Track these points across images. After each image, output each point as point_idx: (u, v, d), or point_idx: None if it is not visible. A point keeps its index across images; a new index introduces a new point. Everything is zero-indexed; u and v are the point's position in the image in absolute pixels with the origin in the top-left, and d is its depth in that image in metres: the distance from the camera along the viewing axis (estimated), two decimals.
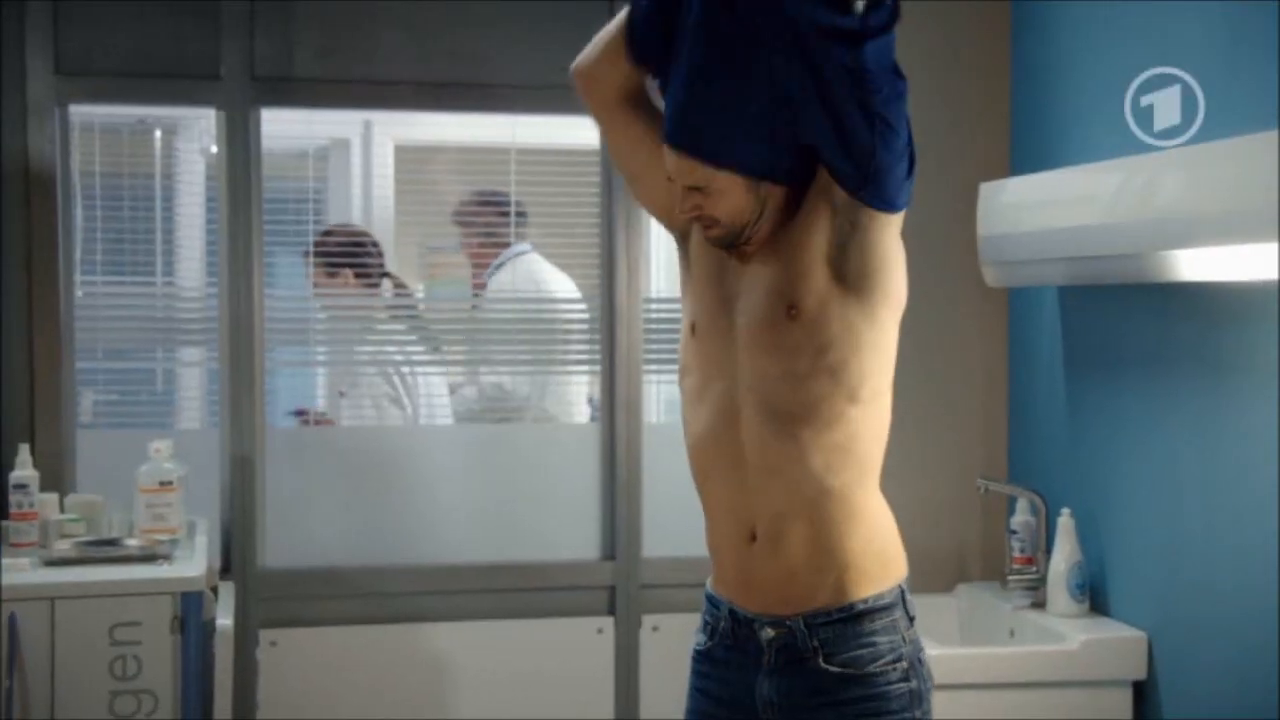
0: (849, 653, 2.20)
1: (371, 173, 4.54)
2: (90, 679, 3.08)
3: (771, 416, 2.20)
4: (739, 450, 2.23)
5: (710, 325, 2.27)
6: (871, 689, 2.20)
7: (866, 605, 2.21)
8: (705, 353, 2.28)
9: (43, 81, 3.65)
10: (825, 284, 2.16)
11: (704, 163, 2.15)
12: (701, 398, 2.29)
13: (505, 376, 4.21)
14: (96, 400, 3.95)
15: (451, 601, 3.89)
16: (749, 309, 2.22)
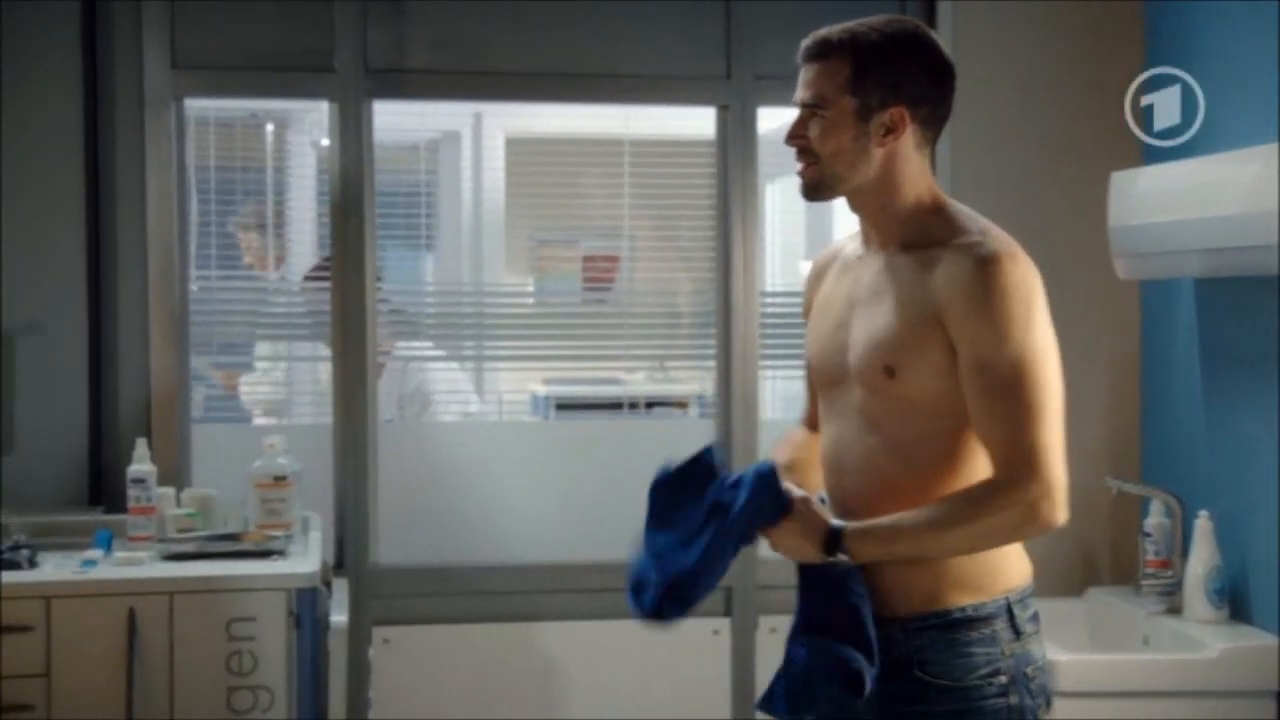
0: (944, 662, 2.21)
1: (482, 165, 4.59)
2: (207, 673, 3.16)
3: (874, 430, 2.26)
4: (843, 450, 2.30)
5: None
6: (965, 702, 2.21)
7: (964, 614, 2.21)
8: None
9: (159, 76, 3.75)
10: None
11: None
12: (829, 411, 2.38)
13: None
14: (208, 394, 4.05)
15: (564, 601, 3.94)
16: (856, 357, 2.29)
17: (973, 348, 2.16)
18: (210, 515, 3.53)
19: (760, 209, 3.99)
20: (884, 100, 2.24)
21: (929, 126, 2.29)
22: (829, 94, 2.25)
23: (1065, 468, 2.16)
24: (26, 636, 3.08)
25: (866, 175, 2.26)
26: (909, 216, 2.27)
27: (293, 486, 3.55)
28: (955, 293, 2.16)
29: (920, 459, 2.23)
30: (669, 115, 4.15)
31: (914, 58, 2.27)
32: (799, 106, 2.29)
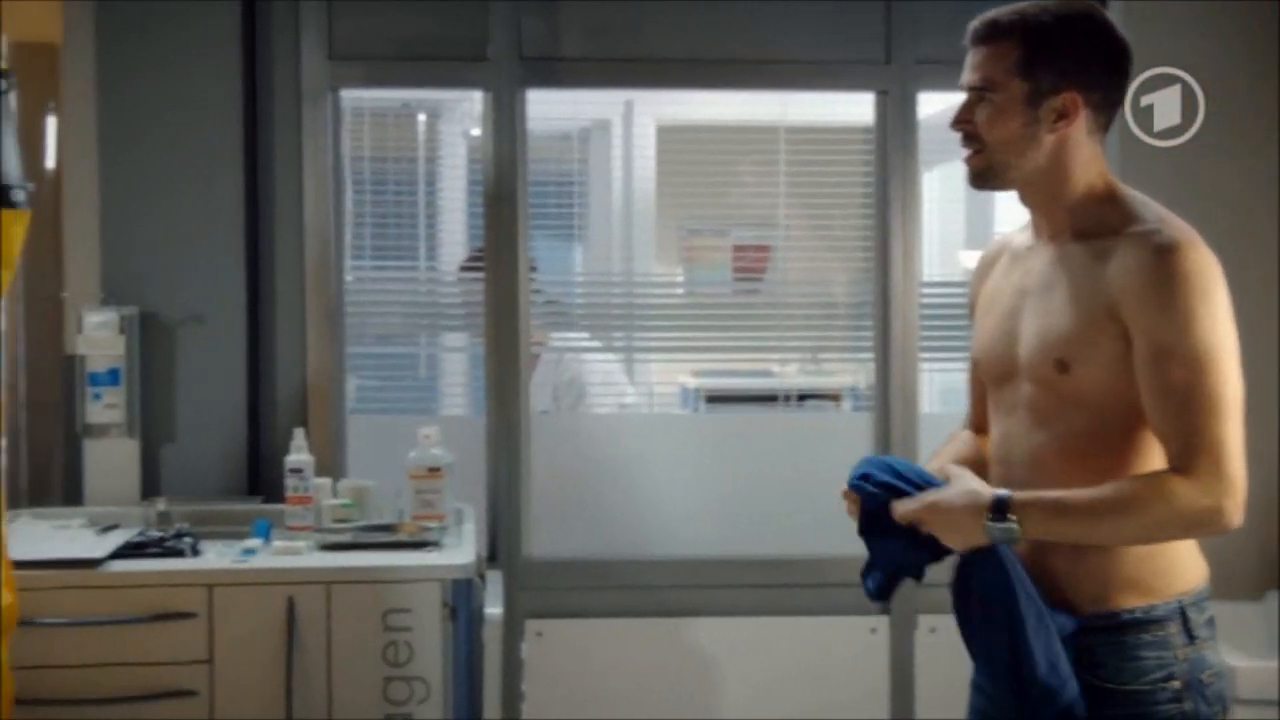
0: (1113, 665, 2.15)
1: (632, 154, 4.60)
2: (364, 663, 3.20)
3: (1043, 426, 2.21)
4: (1011, 447, 2.25)
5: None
6: (1135, 707, 2.14)
7: (1134, 616, 2.15)
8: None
9: (316, 67, 3.82)
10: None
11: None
12: (997, 407, 2.33)
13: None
14: (360, 386, 4.11)
15: (718, 596, 3.94)
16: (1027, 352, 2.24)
17: (1150, 340, 2.10)
18: (365, 506, 3.58)
19: (920, 197, 3.94)
20: (1055, 84, 2.18)
21: (1102, 112, 2.22)
22: (997, 77, 2.19)
23: (1244, 465, 2.10)
24: (190, 623, 3.15)
25: (1036, 163, 2.20)
26: (1081, 205, 2.21)
27: (446, 478, 3.58)
28: (1131, 283, 2.10)
29: (1092, 456, 2.17)
30: (825, 101, 4.12)
31: (1088, 40, 2.21)
32: (966, 90, 2.24)
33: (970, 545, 2.16)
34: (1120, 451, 2.16)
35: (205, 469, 3.78)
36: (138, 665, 3.14)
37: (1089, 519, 2.11)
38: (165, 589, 3.16)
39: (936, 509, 2.17)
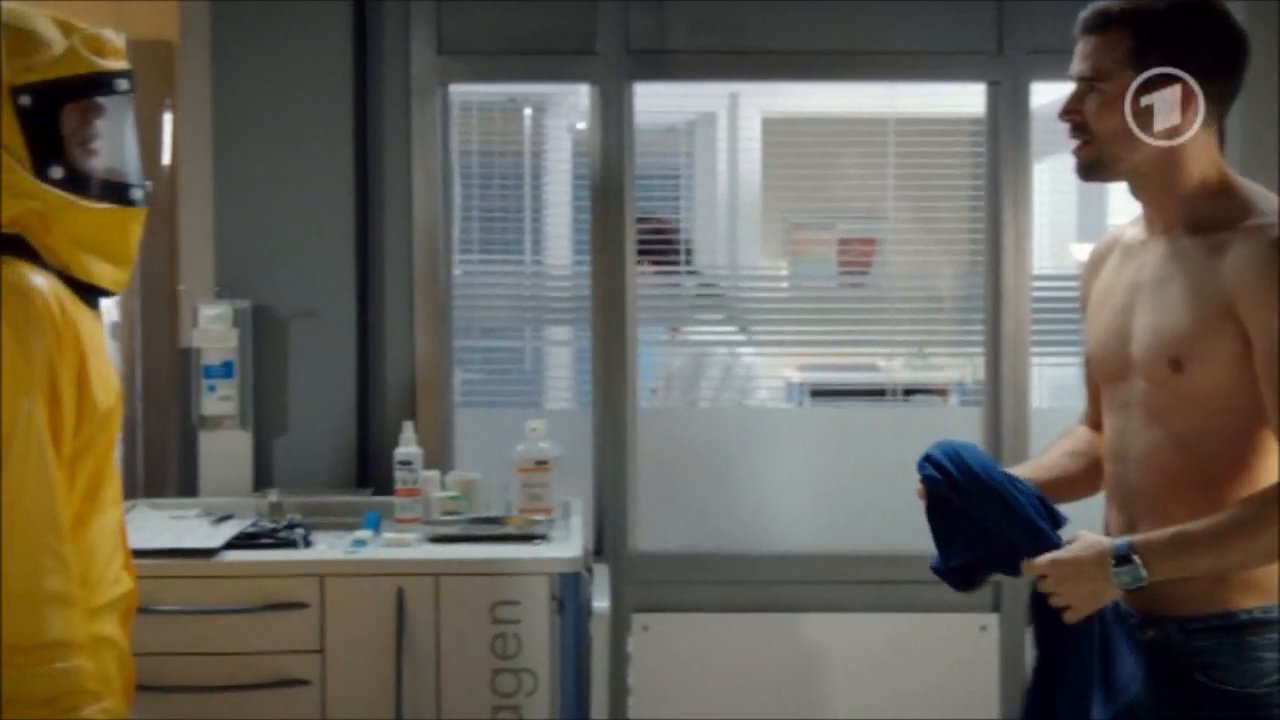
0: (1228, 667, 2.12)
1: (738, 147, 4.59)
2: (473, 654, 3.24)
3: (1158, 424, 2.18)
4: (1126, 445, 2.23)
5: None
6: (1252, 710, 2.12)
7: (1251, 616, 2.12)
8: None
9: (426, 62, 3.86)
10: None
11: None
12: (1110, 404, 2.30)
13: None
14: (465, 379, 4.15)
15: (826, 591, 3.93)
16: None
17: (1269, 336, 2.06)
18: (473, 498, 3.62)
19: (1032, 189, 3.90)
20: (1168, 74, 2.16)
21: (1217, 102, 2.18)
22: (1108, 67, 2.17)
23: None
24: (302, 613, 3.22)
25: (1147, 154, 2.17)
26: (1194, 198, 2.18)
27: (554, 471, 3.62)
28: (1249, 278, 2.07)
29: (1208, 455, 2.14)
30: (933, 92, 4.09)
31: (1202, 28, 2.17)
32: (1075, 80, 2.22)
33: (1101, 603, 2.13)
34: (1238, 452, 2.13)
35: (316, 461, 3.84)
36: (251, 654, 3.21)
37: (1216, 548, 2.07)
38: (278, 579, 3.23)
39: (1059, 564, 2.14)
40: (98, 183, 2.12)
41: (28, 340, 1.97)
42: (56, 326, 2.00)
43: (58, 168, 2.07)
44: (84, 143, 2.11)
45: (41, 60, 2.06)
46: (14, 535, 1.94)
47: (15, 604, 1.93)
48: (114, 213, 2.14)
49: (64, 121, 2.09)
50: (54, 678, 1.94)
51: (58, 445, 2.00)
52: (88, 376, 2.06)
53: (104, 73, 2.11)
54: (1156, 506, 2.17)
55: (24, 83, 2.04)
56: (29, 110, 2.05)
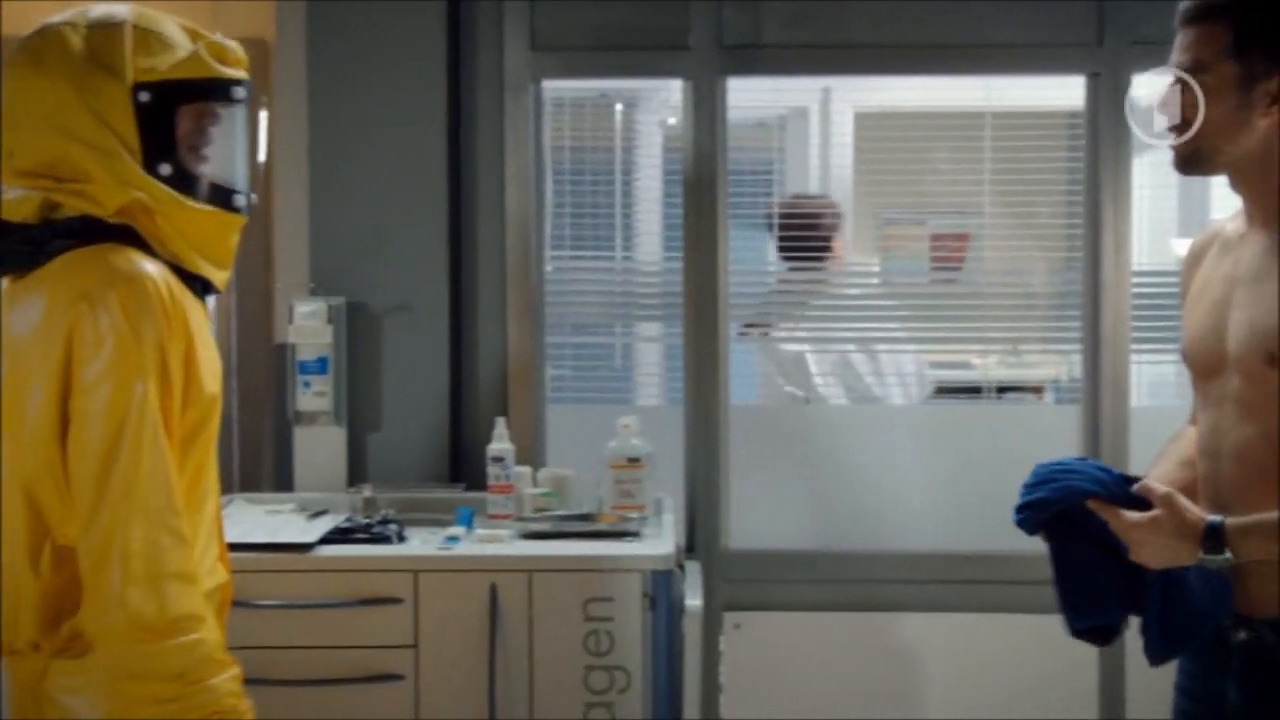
0: None
1: (830, 142, 4.57)
2: (566, 651, 3.25)
3: (1252, 420, 2.15)
4: (1219, 441, 2.20)
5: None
6: None
7: None
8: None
9: (519, 57, 3.88)
10: None
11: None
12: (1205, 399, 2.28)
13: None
14: (555, 375, 4.17)
15: (921, 591, 3.90)
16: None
17: None
18: (566, 495, 3.64)
19: (1133, 183, 3.85)
20: (1270, 67, 2.13)
21: None
22: (1208, 59, 2.15)
23: None
24: (396, 608, 3.24)
25: (1247, 148, 2.15)
26: None
27: (646, 468, 3.62)
28: None
29: None
30: (1029, 85, 4.04)
31: None
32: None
33: (1178, 563, 2.12)
34: None
35: (409, 456, 3.87)
36: (346, 649, 3.24)
37: None
38: (373, 574, 3.26)
39: (1142, 528, 2.12)
40: (204, 185, 2.16)
41: (140, 324, 2.01)
42: (166, 311, 2.04)
43: (167, 165, 2.11)
44: (195, 145, 2.16)
45: (165, 61, 2.10)
46: (133, 515, 1.98)
47: (138, 582, 1.96)
48: (215, 215, 2.17)
49: (179, 122, 2.13)
50: (183, 651, 1.97)
51: (168, 429, 2.03)
52: (195, 362, 2.09)
53: (223, 79, 2.16)
54: (1249, 504, 2.13)
55: (145, 80, 2.09)
56: (147, 107, 2.09)
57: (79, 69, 2.07)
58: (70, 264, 2.06)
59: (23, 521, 2.06)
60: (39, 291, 2.07)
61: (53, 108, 2.07)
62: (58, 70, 2.07)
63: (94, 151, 2.06)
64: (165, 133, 2.11)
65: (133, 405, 1.99)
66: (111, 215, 2.08)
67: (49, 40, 2.10)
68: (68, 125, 2.07)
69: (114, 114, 2.07)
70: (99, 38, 2.09)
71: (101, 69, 2.07)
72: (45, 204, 2.08)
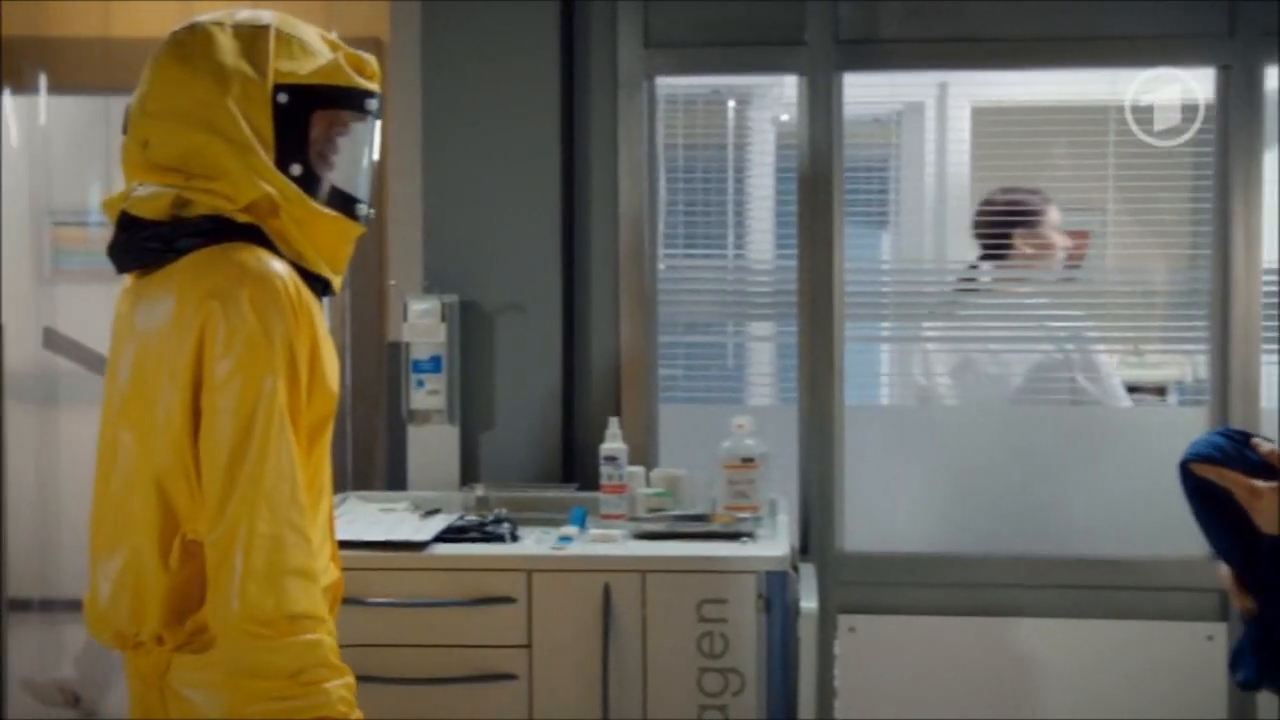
0: None
1: (946, 138, 4.51)
2: (679, 653, 3.24)
3: None
4: None
5: None
6: None
7: None
8: None
9: (633, 55, 3.88)
10: None
11: None
12: None
13: None
14: (666, 375, 4.16)
15: (1042, 596, 3.85)
16: None
17: None
18: (678, 495, 3.63)
19: (1265, 179, 3.77)
20: None
21: None
22: None
23: None
24: (509, 608, 3.25)
25: None
26: None
27: (760, 468, 3.60)
28: None
29: None
30: (1155, 78, 3.96)
31: None
32: None
33: None
34: None
35: (521, 455, 3.88)
36: (459, 647, 3.25)
37: None
38: (486, 574, 3.26)
39: (1264, 509, 2.11)
40: (329, 190, 2.20)
41: (269, 321, 2.04)
42: (294, 309, 2.07)
43: (298, 166, 2.16)
44: (325, 151, 2.20)
45: (305, 66, 2.16)
46: (257, 509, 2.00)
47: (258, 576, 1.98)
48: (337, 221, 2.20)
49: (312, 126, 2.18)
50: (299, 650, 1.98)
51: (295, 426, 2.06)
52: (320, 360, 2.12)
53: (359, 89, 2.21)
54: None
55: (285, 82, 2.14)
56: (284, 108, 2.14)
57: (223, 65, 2.12)
58: (199, 262, 2.10)
59: (154, 515, 2.10)
60: (167, 289, 2.11)
61: (194, 100, 2.12)
62: (202, 65, 2.12)
63: (230, 145, 2.10)
64: (299, 135, 2.16)
65: (261, 401, 2.02)
66: (240, 210, 2.11)
67: (197, 36, 2.15)
68: (207, 118, 2.11)
69: (253, 111, 2.12)
70: (245, 37, 2.15)
71: (245, 67, 2.13)
72: (176, 201, 2.13)
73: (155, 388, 2.09)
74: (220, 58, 2.12)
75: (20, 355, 4.40)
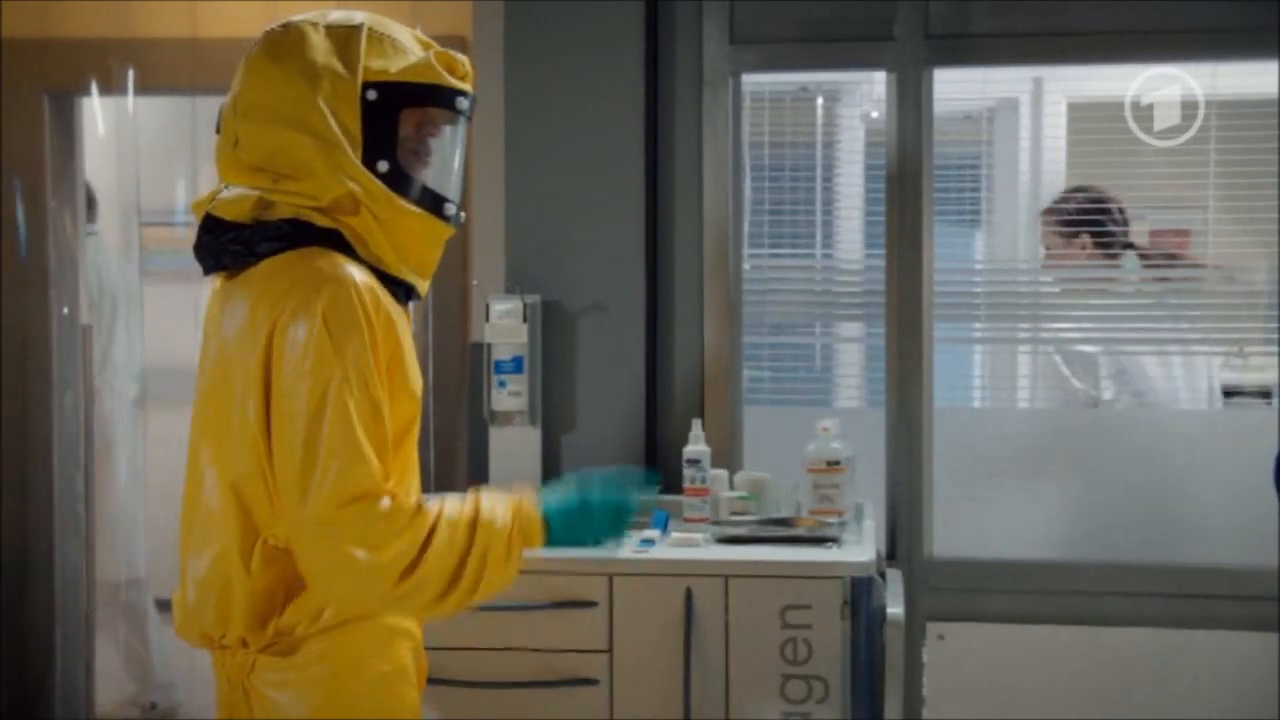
0: None
1: (1041, 134, 4.46)
2: (762, 659, 3.22)
3: None
4: None
5: None
6: None
7: None
8: None
9: (718, 52, 3.87)
10: None
11: None
12: None
13: None
14: (752, 376, 4.15)
15: (1136, 604, 3.79)
16: None
17: None
18: (763, 499, 3.61)
19: None
20: None
21: None
22: None
23: None
24: (590, 612, 3.25)
25: None
26: None
27: (846, 472, 3.58)
28: None
29: None
30: (1259, 71, 3.89)
31: None
32: None
33: None
34: None
35: (603, 457, 3.87)
36: (541, 651, 3.27)
37: None
38: (567, 577, 3.27)
39: None
40: (418, 187, 2.19)
41: (340, 327, 2.04)
42: (369, 316, 2.07)
43: (385, 163, 2.16)
44: (414, 149, 2.20)
45: (396, 64, 2.17)
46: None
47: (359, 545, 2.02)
48: (425, 220, 2.20)
49: (402, 124, 2.18)
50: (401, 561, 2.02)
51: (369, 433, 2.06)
52: (401, 366, 2.13)
53: (449, 88, 2.20)
54: None
55: (374, 80, 2.15)
56: (374, 105, 2.14)
57: (314, 63, 2.14)
58: (276, 267, 2.12)
59: (234, 520, 2.12)
60: (245, 293, 2.13)
61: (283, 98, 2.14)
62: (293, 64, 2.14)
63: (318, 142, 2.12)
64: (388, 132, 2.16)
65: (329, 407, 2.02)
66: (323, 211, 2.13)
67: (290, 34, 2.17)
68: (296, 115, 2.13)
69: (342, 108, 2.13)
70: (337, 36, 2.16)
71: (336, 64, 2.14)
72: (259, 204, 2.15)
73: (231, 392, 2.11)
74: (311, 55, 2.14)
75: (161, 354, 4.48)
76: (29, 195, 4.34)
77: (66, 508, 4.46)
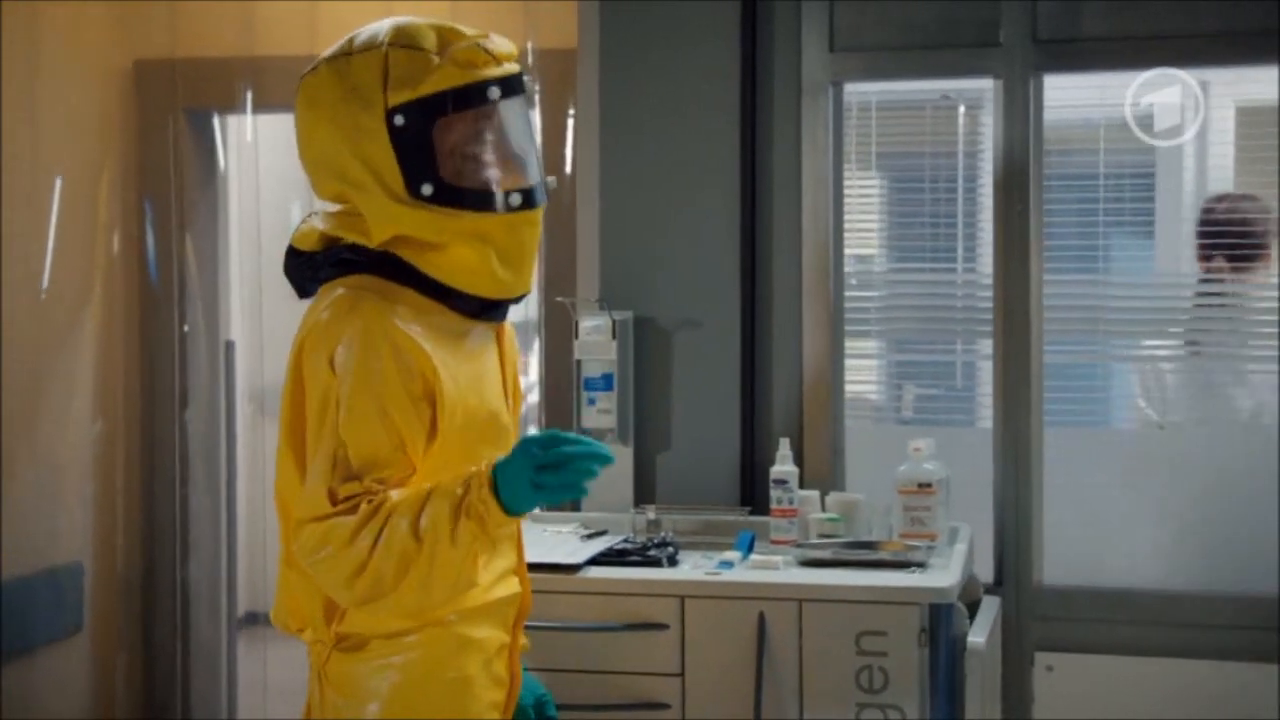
0: None
1: (1207, 140, 4.36)
2: (836, 687, 3.23)
3: None
4: None
5: None
6: None
7: None
8: None
9: (817, 60, 3.89)
10: None
11: None
12: None
13: None
14: (884, 396, 4.16)
15: (1256, 638, 3.69)
16: None
17: None
18: (853, 521, 3.62)
19: None
20: None
21: None
22: None
23: None
24: (663, 634, 3.30)
25: None
26: None
27: (938, 494, 3.57)
28: None
29: None
30: None
31: None
32: None
33: None
34: None
35: (698, 477, 3.93)
36: (612, 674, 3.32)
37: None
38: (639, 598, 3.33)
39: None
40: (469, 193, 2.25)
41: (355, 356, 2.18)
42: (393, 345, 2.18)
43: (428, 185, 2.23)
44: (463, 154, 2.26)
45: (418, 78, 2.21)
46: None
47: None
48: (479, 221, 2.25)
49: (439, 137, 2.24)
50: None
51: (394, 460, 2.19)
52: (442, 395, 2.22)
53: (473, 84, 2.24)
54: None
55: (397, 104, 2.21)
56: (402, 130, 2.22)
57: (337, 107, 2.23)
58: (322, 294, 2.28)
59: (282, 526, 2.33)
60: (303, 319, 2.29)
61: (321, 151, 2.27)
62: (322, 112, 2.24)
63: (357, 190, 2.23)
64: (425, 151, 2.22)
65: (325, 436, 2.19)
66: (378, 246, 2.25)
67: (318, 78, 2.26)
68: (334, 164, 2.25)
69: (370, 147, 2.21)
70: (357, 67, 2.22)
71: (356, 102, 2.21)
72: (325, 234, 2.30)
73: (280, 410, 2.31)
74: (333, 98, 2.22)
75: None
76: (158, 214, 4.57)
77: (196, 524, 4.68)
